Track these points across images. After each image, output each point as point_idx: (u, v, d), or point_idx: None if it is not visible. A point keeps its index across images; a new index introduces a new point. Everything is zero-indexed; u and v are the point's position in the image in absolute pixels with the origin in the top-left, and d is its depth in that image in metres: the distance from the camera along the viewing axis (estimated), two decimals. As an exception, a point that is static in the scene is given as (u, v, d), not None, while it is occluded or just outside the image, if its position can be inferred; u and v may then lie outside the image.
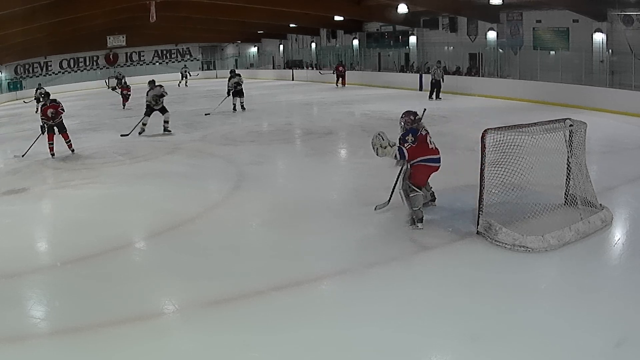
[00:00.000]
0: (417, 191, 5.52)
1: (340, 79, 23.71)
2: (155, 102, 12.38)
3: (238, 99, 16.01)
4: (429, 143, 5.65)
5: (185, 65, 34.74)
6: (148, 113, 12.47)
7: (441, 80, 16.95)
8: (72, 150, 10.57)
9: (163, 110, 12.44)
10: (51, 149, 10.37)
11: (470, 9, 19.15)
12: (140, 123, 12.43)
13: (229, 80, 16.23)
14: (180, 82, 29.86)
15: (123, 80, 19.77)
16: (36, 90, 19.44)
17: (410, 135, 5.60)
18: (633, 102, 12.38)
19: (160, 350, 3.60)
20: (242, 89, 16.06)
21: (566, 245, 4.82)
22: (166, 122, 12.48)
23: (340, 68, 23.91)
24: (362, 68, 26.01)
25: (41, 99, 12.00)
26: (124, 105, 19.08)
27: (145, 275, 4.90)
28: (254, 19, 25.78)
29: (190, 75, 31.81)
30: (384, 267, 4.67)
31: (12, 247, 5.59)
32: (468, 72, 19.69)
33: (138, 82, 34.44)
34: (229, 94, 16.03)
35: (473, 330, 3.60)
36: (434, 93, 16.85)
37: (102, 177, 8.59)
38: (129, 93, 19.45)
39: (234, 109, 15.91)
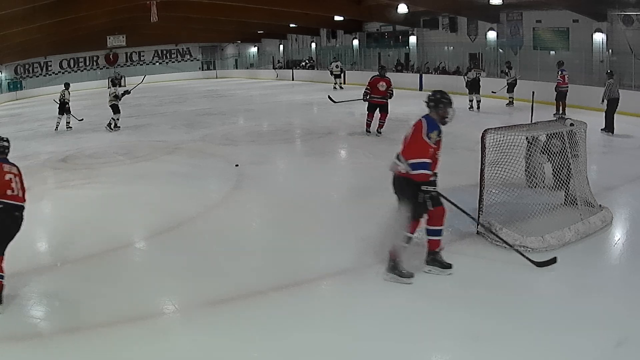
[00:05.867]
0: None
1: None
2: None
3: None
4: None
5: (334, 58, 25.82)
6: None
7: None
8: None
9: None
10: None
11: (470, 9, 19.16)
12: None
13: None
14: (335, 84, 22.81)
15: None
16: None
17: None
18: (633, 102, 12.38)
19: (160, 350, 3.59)
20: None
21: (566, 245, 4.82)
22: None
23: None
24: (362, 68, 26.00)
25: None
26: None
27: (145, 275, 4.90)
28: (254, 19, 25.80)
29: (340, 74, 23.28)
30: (384, 267, 4.67)
31: (12, 247, 5.55)
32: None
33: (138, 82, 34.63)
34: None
35: (473, 331, 3.59)
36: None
37: (102, 177, 8.58)
38: None
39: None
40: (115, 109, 13.58)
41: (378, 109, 10.72)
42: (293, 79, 29.73)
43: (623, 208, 5.98)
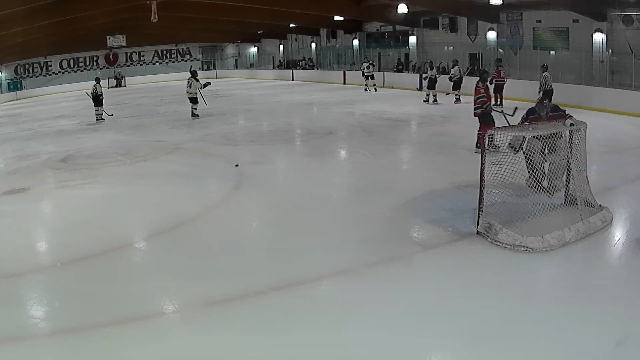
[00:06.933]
0: None
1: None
2: None
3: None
4: None
5: (365, 57, 23.67)
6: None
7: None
8: None
9: None
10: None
11: (470, 9, 19.15)
12: None
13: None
14: (366, 86, 20.62)
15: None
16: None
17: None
18: (633, 102, 12.38)
19: (160, 351, 3.59)
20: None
21: (566, 245, 4.82)
22: None
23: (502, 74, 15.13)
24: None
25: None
26: None
27: (145, 275, 4.90)
28: (254, 19, 25.79)
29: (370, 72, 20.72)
30: (384, 267, 4.67)
31: (11, 247, 5.58)
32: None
33: (138, 82, 34.72)
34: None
35: (473, 331, 3.59)
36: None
37: (102, 177, 8.58)
38: None
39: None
40: (195, 101, 14.90)
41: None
42: (293, 79, 29.73)
43: (623, 208, 5.98)
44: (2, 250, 5.48)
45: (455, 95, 15.97)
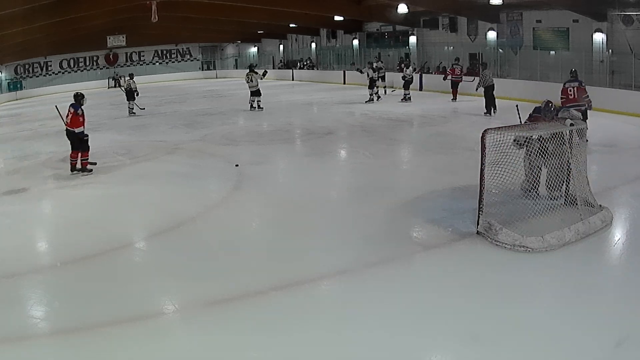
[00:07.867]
0: None
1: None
2: None
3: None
4: None
5: (376, 57, 22.39)
6: None
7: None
8: None
9: None
10: None
11: (470, 9, 19.15)
12: None
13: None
14: (377, 88, 17.92)
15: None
16: None
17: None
18: (633, 102, 12.39)
19: (160, 351, 3.60)
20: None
21: (566, 245, 4.82)
22: None
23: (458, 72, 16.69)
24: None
25: None
26: None
27: (145, 275, 4.90)
28: (254, 19, 25.79)
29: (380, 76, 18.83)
30: (384, 267, 4.67)
31: (12, 247, 5.58)
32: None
33: (138, 82, 34.62)
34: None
35: (473, 331, 3.60)
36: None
37: (102, 177, 8.58)
38: None
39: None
40: (257, 93, 16.06)
41: None
42: (293, 79, 29.73)
43: (623, 208, 5.98)
44: (2, 250, 5.48)
45: (406, 94, 16.84)
